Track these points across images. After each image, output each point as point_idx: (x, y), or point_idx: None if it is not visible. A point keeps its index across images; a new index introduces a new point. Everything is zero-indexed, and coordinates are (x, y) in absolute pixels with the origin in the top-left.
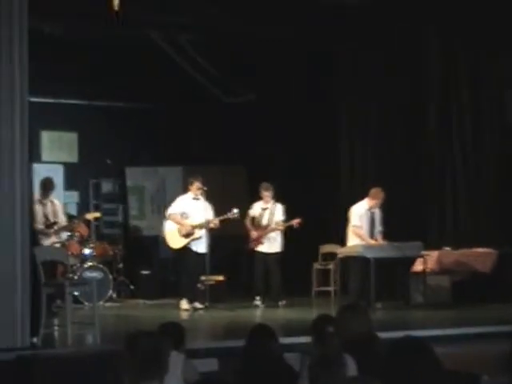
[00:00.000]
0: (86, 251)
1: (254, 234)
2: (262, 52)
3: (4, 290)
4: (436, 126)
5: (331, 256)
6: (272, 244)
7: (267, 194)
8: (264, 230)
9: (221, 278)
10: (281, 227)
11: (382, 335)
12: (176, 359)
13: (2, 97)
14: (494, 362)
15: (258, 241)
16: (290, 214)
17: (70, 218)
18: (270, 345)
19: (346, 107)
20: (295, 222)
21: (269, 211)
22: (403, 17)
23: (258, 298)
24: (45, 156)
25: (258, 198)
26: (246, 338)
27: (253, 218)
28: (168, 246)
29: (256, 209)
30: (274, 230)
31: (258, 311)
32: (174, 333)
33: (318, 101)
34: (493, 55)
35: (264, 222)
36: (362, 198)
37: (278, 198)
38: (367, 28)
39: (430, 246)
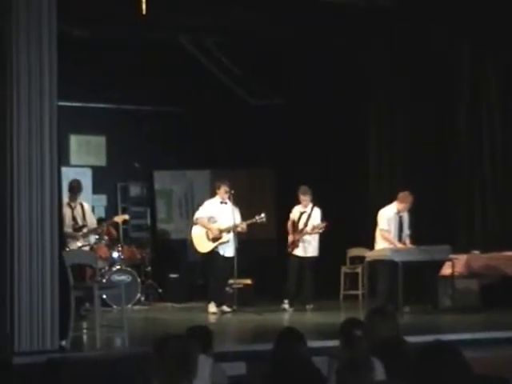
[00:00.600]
0: (115, 254)
1: (290, 237)
2: (288, 53)
3: (34, 294)
4: (465, 127)
5: (359, 259)
6: (307, 248)
7: (305, 198)
8: (300, 233)
9: (248, 281)
10: (317, 230)
11: (411, 339)
12: (204, 363)
13: (31, 101)
14: None
15: (294, 244)
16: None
17: (99, 221)
18: (298, 348)
19: (376, 112)
20: (321, 225)
21: (306, 215)
22: (434, 19)
23: (286, 301)
24: (73, 160)
25: (288, 200)
26: (274, 342)
27: (292, 222)
28: (196, 251)
29: (295, 213)
30: (308, 233)
31: (285, 315)
32: (201, 336)
33: (346, 103)
34: None
35: (301, 225)
36: (390, 201)
37: (315, 202)
38: (395, 28)
39: (458, 250)
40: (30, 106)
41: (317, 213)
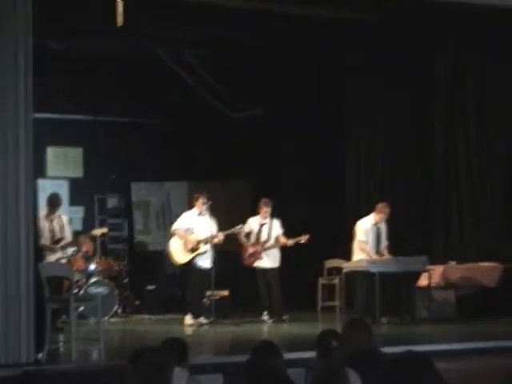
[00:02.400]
0: (91, 267)
1: (250, 249)
2: (267, 66)
3: (9, 306)
4: (441, 140)
5: (337, 271)
6: (272, 259)
7: (267, 210)
8: (263, 245)
9: (226, 293)
10: (290, 243)
11: (387, 350)
12: (180, 375)
13: (6, 113)
14: (499, 377)
15: (255, 256)
16: (295, 229)
17: (76, 234)
18: (273, 361)
19: (353, 123)
20: (304, 238)
21: (267, 226)
22: (412, 31)
23: (265, 313)
24: (50, 171)
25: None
26: (249, 355)
27: (247, 234)
28: (173, 262)
29: (253, 224)
30: (277, 245)
31: (263, 326)
32: (177, 348)
33: (324, 116)
34: (499, 73)
35: (264, 237)
36: (367, 213)
37: (282, 213)
38: (375, 42)
39: (435, 261)
40: (5, 119)
41: (277, 223)
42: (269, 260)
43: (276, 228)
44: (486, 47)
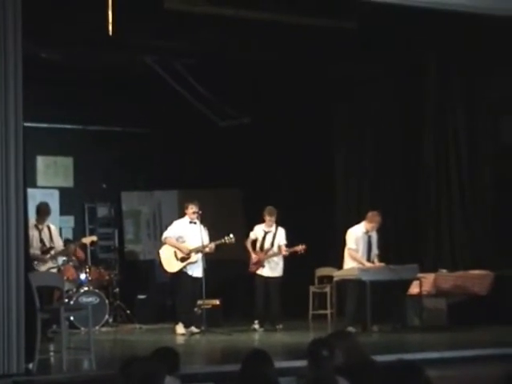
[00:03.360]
0: (82, 276)
1: (254, 257)
2: (256, 75)
3: None
4: (432, 149)
5: (328, 279)
6: (274, 268)
7: (271, 219)
8: (266, 253)
9: (217, 302)
10: (285, 252)
11: (378, 358)
12: None
13: None
14: None
15: (259, 264)
16: (286, 238)
17: (66, 242)
18: (265, 370)
19: (342, 131)
20: (300, 248)
21: (271, 235)
22: (401, 41)
23: (256, 321)
24: (40, 181)
25: (256, 220)
26: (241, 364)
27: (253, 241)
28: (164, 270)
29: (258, 232)
30: (277, 254)
31: (255, 335)
32: (167, 358)
33: (313, 124)
34: (487, 81)
35: (267, 245)
36: (358, 221)
37: (279, 222)
38: (363, 50)
39: (426, 269)
40: None
41: (282, 233)
42: (270, 269)
43: (280, 237)
44: (473, 49)
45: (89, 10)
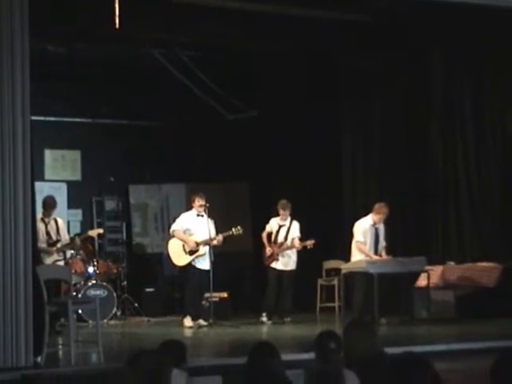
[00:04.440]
0: (90, 269)
1: (269, 249)
2: (263, 67)
3: (7, 309)
4: (439, 141)
5: (335, 272)
6: (287, 261)
7: (284, 212)
8: (279, 246)
9: (225, 294)
10: (298, 246)
11: (387, 351)
12: (178, 377)
13: (3, 116)
14: None
15: (273, 257)
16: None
17: (73, 236)
18: (271, 362)
19: (350, 124)
20: (309, 243)
21: (285, 228)
22: (409, 34)
23: (264, 314)
24: (48, 174)
25: (263, 214)
26: (247, 356)
27: (269, 234)
28: (172, 263)
29: (273, 225)
30: (290, 248)
31: (263, 328)
32: (175, 350)
33: (320, 116)
34: (495, 77)
35: (280, 238)
36: (365, 213)
37: (293, 216)
38: (371, 43)
39: (433, 261)
40: (2, 121)
41: (296, 226)
42: (283, 262)
43: (294, 230)
44: (481, 46)
45: (95, 4)
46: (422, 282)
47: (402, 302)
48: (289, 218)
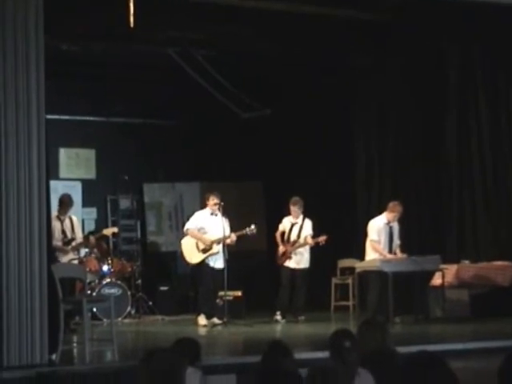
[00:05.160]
0: (104, 267)
1: (281, 248)
2: (277, 66)
3: (23, 307)
4: (454, 139)
5: (350, 270)
6: (300, 259)
7: (295, 209)
8: (292, 245)
9: (239, 293)
10: (311, 242)
11: (401, 350)
12: (193, 375)
13: (19, 115)
14: None
15: (286, 256)
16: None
17: (89, 234)
18: (284, 361)
19: (363, 122)
20: (321, 239)
21: (298, 226)
22: (424, 31)
23: (278, 312)
24: (62, 173)
25: (277, 212)
26: (261, 355)
27: (282, 233)
28: (186, 261)
29: (286, 224)
30: (302, 245)
31: (277, 326)
32: (189, 349)
33: (333, 114)
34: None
35: (293, 237)
36: (379, 212)
37: (306, 214)
38: (385, 40)
39: (448, 260)
40: (17, 120)
41: (308, 224)
42: (296, 260)
43: (307, 228)
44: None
45: (110, 2)
46: (436, 280)
47: (416, 301)
48: (301, 216)
